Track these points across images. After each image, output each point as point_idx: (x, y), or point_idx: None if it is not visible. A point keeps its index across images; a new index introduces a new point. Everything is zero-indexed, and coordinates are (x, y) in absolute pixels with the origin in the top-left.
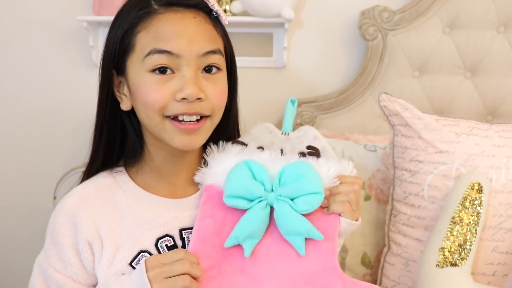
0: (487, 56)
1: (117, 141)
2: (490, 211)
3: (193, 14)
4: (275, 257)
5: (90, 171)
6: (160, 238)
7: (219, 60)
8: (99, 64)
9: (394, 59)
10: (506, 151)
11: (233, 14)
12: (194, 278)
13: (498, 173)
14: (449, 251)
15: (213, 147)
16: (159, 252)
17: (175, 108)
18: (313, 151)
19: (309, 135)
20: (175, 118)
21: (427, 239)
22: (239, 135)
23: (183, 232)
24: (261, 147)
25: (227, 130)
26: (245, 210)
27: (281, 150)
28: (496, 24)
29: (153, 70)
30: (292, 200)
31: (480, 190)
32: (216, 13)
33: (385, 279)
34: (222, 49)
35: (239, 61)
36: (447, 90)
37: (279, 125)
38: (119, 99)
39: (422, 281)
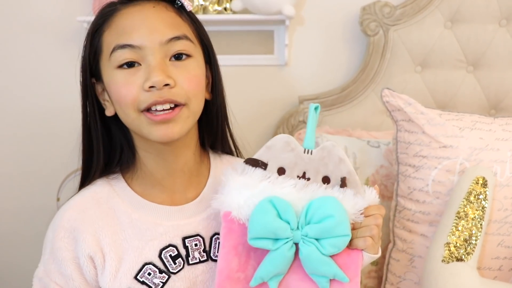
0: (489, 50)
1: (107, 149)
2: (495, 205)
3: (152, 4)
4: None
5: (85, 181)
6: (163, 248)
7: (187, 46)
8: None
9: (396, 54)
10: (510, 144)
11: (234, 12)
12: None
13: (503, 167)
14: (454, 246)
15: (231, 169)
16: (164, 263)
17: (147, 99)
18: (343, 183)
19: (334, 157)
20: (149, 110)
21: (432, 235)
22: (230, 132)
23: (186, 240)
24: (281, 168)
25: (214, 125)
26: None
27: (304, 173)
28: (498, 17)
29: (120, 66)
30: (317, 239)
31: (484, 185)
32: (179, 1)
33: (390, 275)
34: (191, 35)
35: (240, 59)
36: (450, 85)
37: (280, 124)
38: (104, 106)
39: (428, 277)
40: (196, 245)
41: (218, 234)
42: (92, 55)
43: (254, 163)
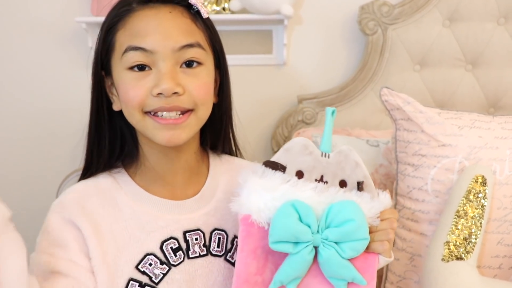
0: (487, 48)
1: (113, 143)
2: (495, 204)
3: (169, 9)
4: None
5: (87, 174)
6: (165, 240)
7: (199, 53)
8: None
9: (395, 53)
10: (510, 143)
11: (232, 12)
12: None
13: (502, 165)
14: (454, 245)
15: (250, 172)
16: (165, 254)
17: (153, 104)
18: (361, 187)
19: (351, 161)
20: (155, 113)
21: (431, 234)
22: (233, 134)
23: (187, 234)
24: (300, 172)
25: (219, 127)
26: None
27: (322, 177)
28: (496, 16)
29: (131, 68)
30: (337, 243)
31: (484, 183)
32: (196, 7)
33: (390, 274)
34: (204, 43)
35: (239, 59)
36: (449, 83)
37: (280, 124)
38: (112, 100)
39: (428, 276)
40: (196, 239)
41: (217, 229)
42: (104, 50)
43: (274, 166)
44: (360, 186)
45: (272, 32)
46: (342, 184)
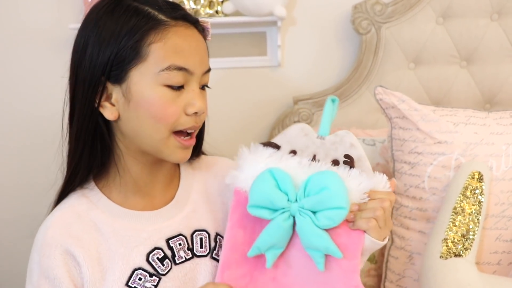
0: (482, 44)
1: (94, 154)
2: (492, 200)
3: (197, 31)
4: (303, 267)
5: (66, 192)
6: (150, 252)
7: (209, 78)
8: (75, 70)
9: (389, 52)
10: (505, 138)
11: (225, 15)
12: None
13: (498, 161)
14: (452, 242)
15: (245, 148)
16: (152, 266)
17: (185, 122)
18: (348, 160)
19: (346, 142)
20: (180, 132)
21: (430, 231)
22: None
23: (170, 241)
24: (293, 151)
25: (200, 136)
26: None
27: (314, 156)
28: (489, 11)
29: (169, 85)
30: (314, 213)
31: (480, 179)
32: (207, 31)
33: (390, 273)
34: None
35: (234, 61)
36: (444, 81)
37: (276, 126)
38: (100, 106)
39: (426, 273)
40: (180, 244)
41: (198, 230)
42: (122, 58)
43: (267, 144)
44: (349, 161)
45: (266, 34)
46: (335, 163)
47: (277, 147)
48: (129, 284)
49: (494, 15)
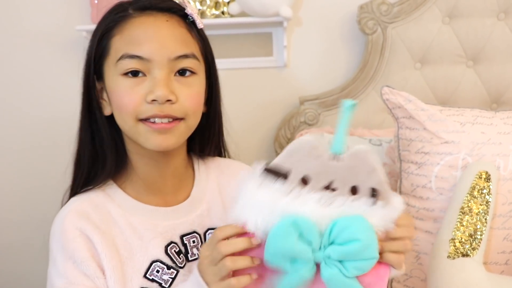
0: (488, 44)
1: (102, 151)
2: (499, 200)
3: (166, 18)
4: None
5: (77, 186)
6: (168, 245)
7: (193, 64)
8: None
9: (395, 51)
10: None
11: (231, 16)
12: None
13: (506, 161)
14: (459, 242)
15: (246, 174)
16: (171, 258)
17: (147, 110)
18: (375, 194)
19: (366, 166)
20: (147, 120)
21: (437, 231)
22: (223, 142)
23: (184, 238)
24: (305, 178)
25: (207, 135)
26: None
27: (330, 183)
28: (496, 11)
29: (126, 74)
30: (341, 261)
31: (488, 179)
32: (191, 17)
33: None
34: (197, 53)
35: (239, 62)
36: (450, 80)
37: (282, 126)
38: (101, 105)
39: (434, 273)
40: (194, 241)
41: (211, 229)
42: (98, 54)
43: (274, 173)
44: (374, 194)
45: (272, 35)
46: (354, 190)
47: (285, 174)
48: (147, 275)
49: (501, 15)
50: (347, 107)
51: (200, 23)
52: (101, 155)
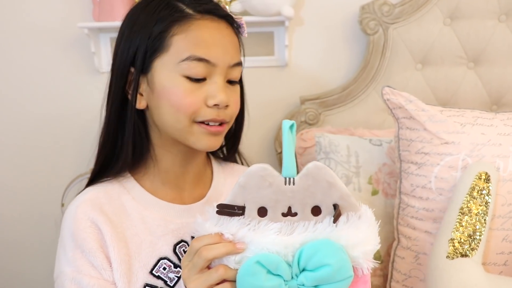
0: (489, 46)
1: (127, 141)
2: (499, 200)
3: (226, 25)
4: None
5: (98, 174)
6: (177, 244)
7: (240, 72)
8: (112, 62)
9: (396, 52)
10: None
11: (234, 15)
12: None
13: (505, 162)
14: (458, 242)
15: (203, 221)
16: (179, 257)
17: (206, 114)
18: (336, 215)
19: (322, 183)
20: (202, 122)
21: (436, 231)
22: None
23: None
24: (262, 208)
25: (235, 139)
26: None
27: (289, 208)
28: (497, 13)
29: (188, 76)
30: (316, 286)
31: (487, 180)
32: (241, 26)
33: (396, 273)
34: (241, 62)
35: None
36: (451, 82)
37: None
38: (129, 97)
39: (433, 273)
40: None
41: None
42: (149, 49)
43: (229, 211)
44: (336, 211)
45: (274, 34)
46: (315, 211)
47: (241, 209)
48: (153, 272)
49: (502, 16)
50: (287, 128)
51: (244, 31)
52: (120, 146)
